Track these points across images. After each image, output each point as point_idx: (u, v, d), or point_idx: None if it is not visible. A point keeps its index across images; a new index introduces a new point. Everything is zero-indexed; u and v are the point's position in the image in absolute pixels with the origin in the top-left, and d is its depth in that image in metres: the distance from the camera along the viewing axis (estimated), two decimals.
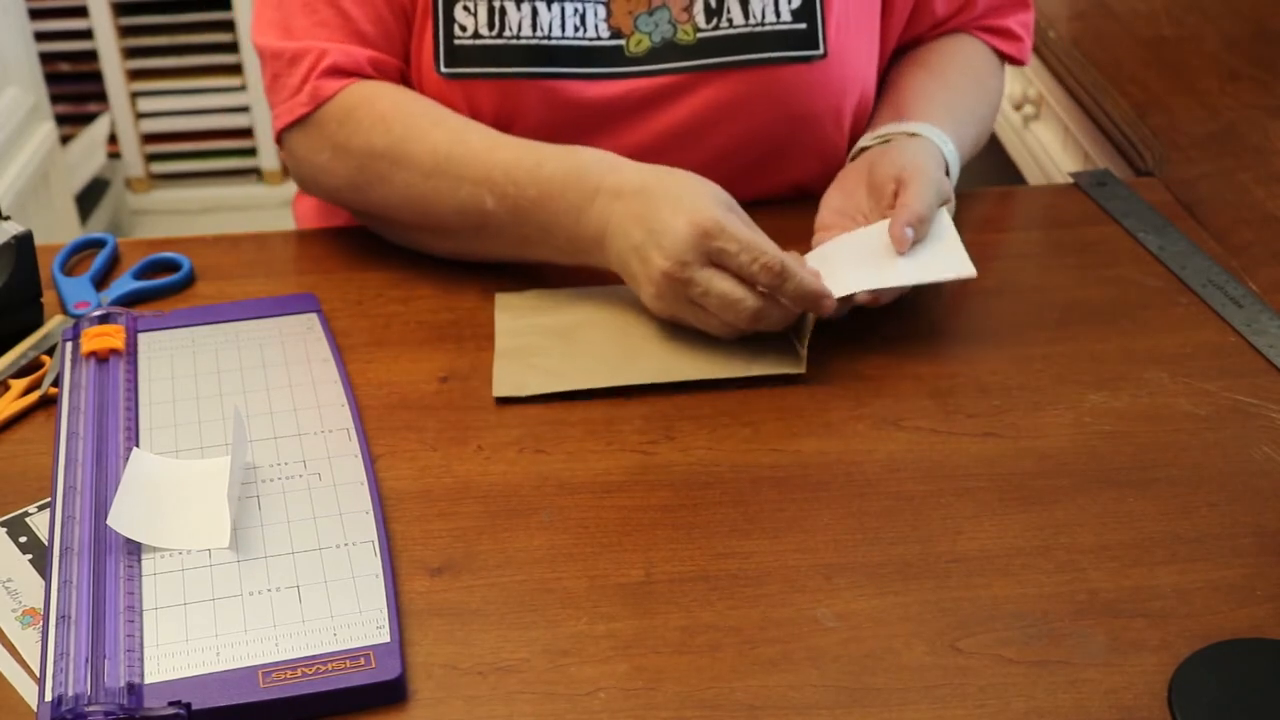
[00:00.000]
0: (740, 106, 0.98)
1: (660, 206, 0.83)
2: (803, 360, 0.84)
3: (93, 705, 0.60)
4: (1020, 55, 1.09)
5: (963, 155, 0.98)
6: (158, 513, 0.71)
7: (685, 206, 0.82)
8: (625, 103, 0.97)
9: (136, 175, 2.75)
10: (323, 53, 0.93)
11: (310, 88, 0.93)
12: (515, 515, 0.74)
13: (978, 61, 1.07)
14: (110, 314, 0.87)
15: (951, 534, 0.72)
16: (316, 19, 0.94)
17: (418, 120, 0.91)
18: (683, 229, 0.81)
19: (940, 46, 1.07)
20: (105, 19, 2.55)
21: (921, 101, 1.00)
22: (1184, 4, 1.42)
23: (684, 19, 0.96)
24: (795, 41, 0.96)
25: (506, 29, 0.94)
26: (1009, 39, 1.08)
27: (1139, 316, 0.90)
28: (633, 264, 0.85)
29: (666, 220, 0.82)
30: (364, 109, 0.92)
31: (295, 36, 0.94)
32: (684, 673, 0.63)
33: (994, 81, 1.08)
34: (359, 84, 0.94)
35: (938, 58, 1.06)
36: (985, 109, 1.05)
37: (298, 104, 0.94)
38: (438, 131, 0.91)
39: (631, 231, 0.84)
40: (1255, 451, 0.77)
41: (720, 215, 0.82)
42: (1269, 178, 1.07)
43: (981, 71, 1.07)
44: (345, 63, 0.94)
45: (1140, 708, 0.61)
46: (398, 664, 0.63)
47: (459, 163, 0.89)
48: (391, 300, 0.93)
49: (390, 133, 0.91)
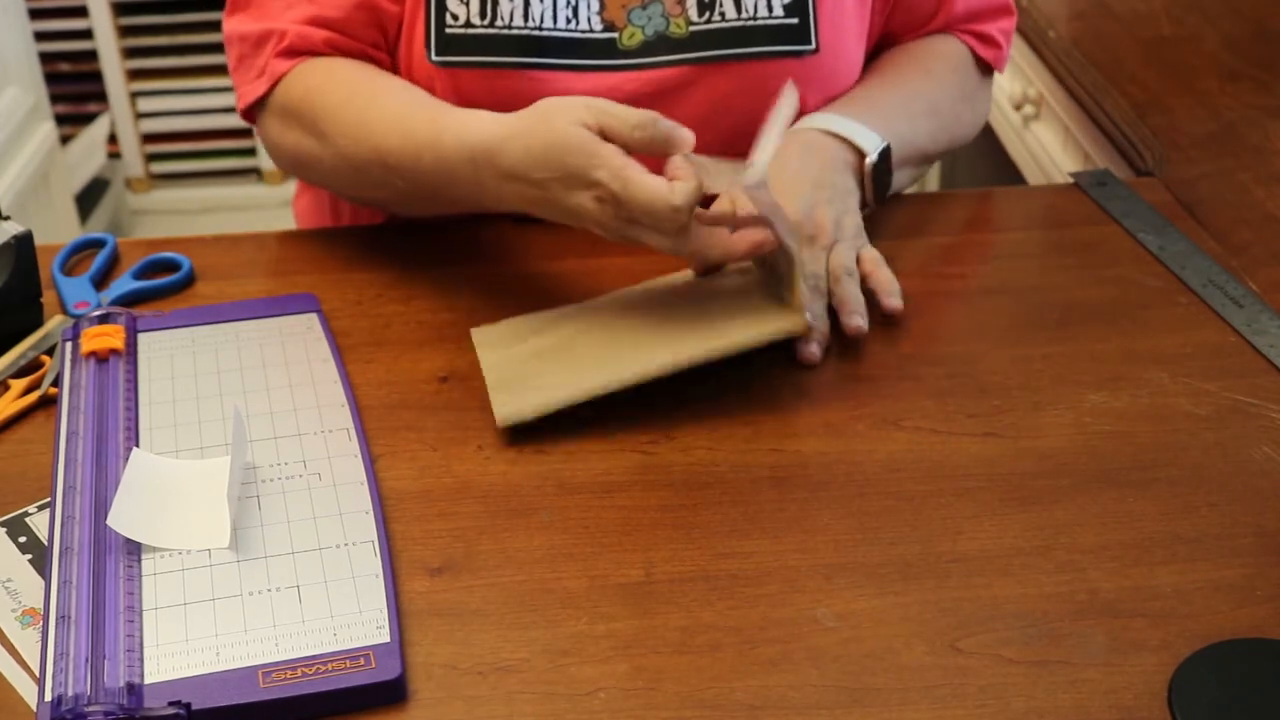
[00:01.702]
0: (732, 100, 0.98)
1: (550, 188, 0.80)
2: (799, 311, 0.81)
3: (93, 705, 0.60)
4: (996, 63, 1.08)
5: (903, 144, 0.98)
6: (158, 513, 0.71)
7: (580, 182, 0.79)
8: (617, 96, 0.96)
9: (136, 175, 2.75)
10: (282, 34, 0.96)
11: (270, 67, 0.96)
12: (515, 515, 0.74)
13: (943, 52, 1.06)
14: (110, 314, 0.87)
15: (951, 534, 0.72)
16: (283, 1, 0.97)
17: (340, 90, 0.93)
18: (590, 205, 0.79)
19: (911, 44, 1.07)
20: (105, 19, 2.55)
21: (855, 98, 1.00)
22: (1184, 4, 1.42)
23: (676, 12, 0.96)
24: (787, 36, 0.96)
25: (498, 19, 0.94)
26: (987, 44, 1.07)
27: (1139, 316, 0.90)
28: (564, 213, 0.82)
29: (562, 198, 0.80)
30: (298, 82, 0.95)
31: (261, 17, 0.97)
32: (684, 673, 0.63)
33: (958, 75, 1.06)
34: (309, 61, 0.96)
35: (899, 55, 1.06)
36: (940, 94, 1.04)
37: (260, 83, 0.97)
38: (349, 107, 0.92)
39: (534, 199, 0.82)
40: (1255, 451, 0.77)
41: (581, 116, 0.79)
42: (1269, 178, 1.07)
43: (942, 63, 1.05)
44: (299, 43, 0.96)
45: (1140, 708, 0.61)
46: (398, 664, 0.63)
47: (369, 130, 0.90)
48: (391, 300, 0.93)
49: (315, 105, 0.94)
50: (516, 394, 0.81)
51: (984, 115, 1.11)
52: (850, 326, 0.86)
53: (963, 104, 1.06)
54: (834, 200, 0.92)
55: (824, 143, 0.95)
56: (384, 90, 0.94)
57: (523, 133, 0.82)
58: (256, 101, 0.97)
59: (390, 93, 0.93)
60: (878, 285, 0.89)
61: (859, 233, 0.92)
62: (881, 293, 0.88)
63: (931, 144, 1.03)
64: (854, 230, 0.92)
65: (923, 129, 1.01)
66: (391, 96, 0.92)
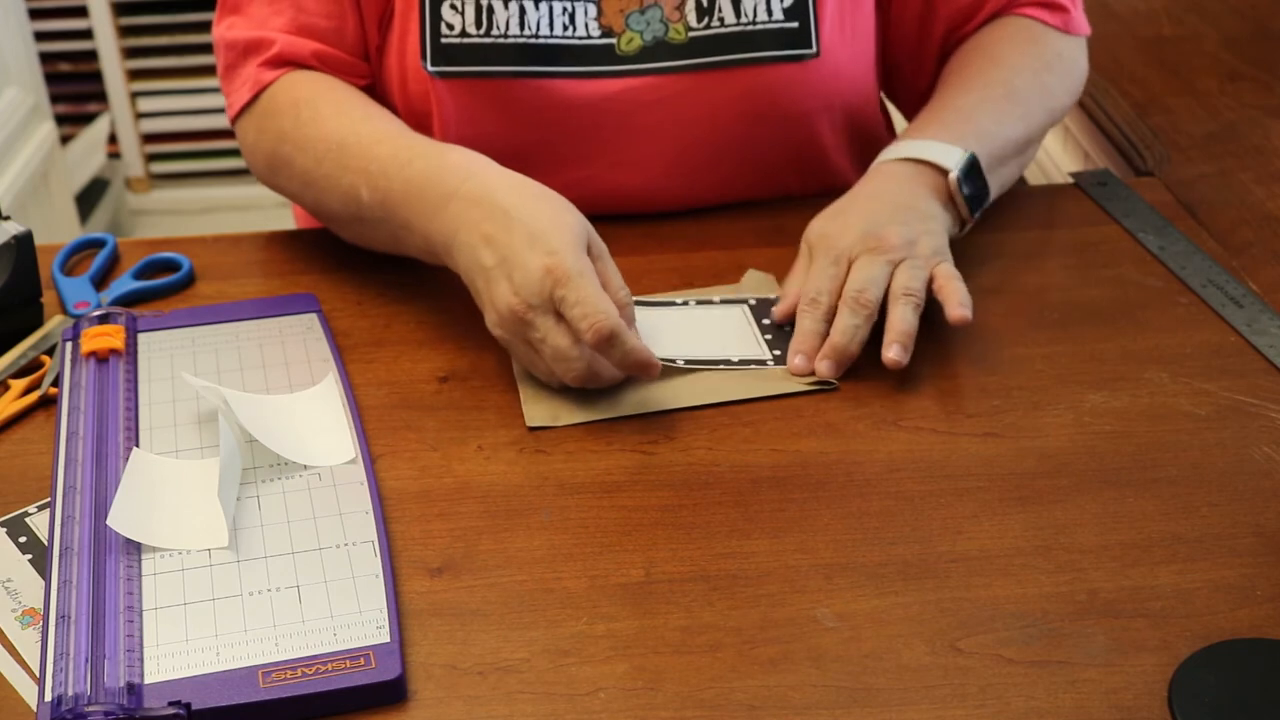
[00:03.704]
0: (732, 106, 0.97)
1: (516, 235, 0.79)
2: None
3: (92, 705, 0.60)
4: (1067, 26, 1.02)
5: (992, 143, 0.93)
6: (158, 513, 0.71)
7: (541, 245, 0.78)
8: (616, 102, 0.96)
9: (136, 175, 2.75)
10: (271, 42, 0.95)
11: (254, 76, 0.96)
12: (515, 515, 0.74)
13: (1003, 34, 1.02)
14: (110, 314, 0.87)
15: (951, 534, 0.72)
16: (273, 8, 0.97)
17: (321, 109, 0.93)
18: (535, 270, 0.77)
19: (971, 40, 1.03)
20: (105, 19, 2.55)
21: (928, 113, 0.97)
22: (1184, 4, 1.42)
23: (675, 18, 0.95)
24: (787, 40, 0.96)
25: (494, 27, 0.94)
26: (1052, 10, 1.02)
27: (1139, 316, 0.90)
28: (478, 283, 0.81)
29: (521, 254, 0.78)
30: (284, 95, 0.95)
31: (250, 26, 0.97)
32: (684, 673, 0.63)
33: (1029, 49, 1.01)
34: (294, 73, 0.96)
35: (962, 53, 1.02)
36: (1013, 75, 0.98)
37: (245, 93, 0.96)
38: (335, 121, 0.91)
39: (481, 252, 0.80)
40: (1255, 451, 0.77)
41: (572, 262, 0.77)
42: (1269, 178, 1.07)
43: (1005, 45, 1.01)
44: (289, 53, 0.96)
45: (1140, 708, 0.61)
46: (398, 664, 0.63)
47: (345, 153, 0.89)
48: (391, 300, 0.93)
49: (296, 119, 0.93)
50: (547, 399, 0.82)
51: (1079, 76, 1.04)
52: (885, 358, 0.82)
53: (1045, 75, 1.00)
54: (910, 222, 0.87)
55: (902, 173, 0.91)
56: (379, 110, 0.93)
57: (537, 190, 0.82)
58: (242, 108, 0.97)
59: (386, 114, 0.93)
60: (946, 297, 0.84)
61: (936, 253, 0.87)
62: (950, 304, 0.83)
63: (1025, 127, 0.97)
64: (930, 250, 0.86)
65: (1009, 117, 0.96)
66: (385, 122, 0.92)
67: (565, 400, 0.81)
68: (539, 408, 0.81)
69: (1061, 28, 1.03)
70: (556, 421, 0.80)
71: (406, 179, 0.85)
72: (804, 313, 0.85)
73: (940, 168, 0.91)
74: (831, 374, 0.82)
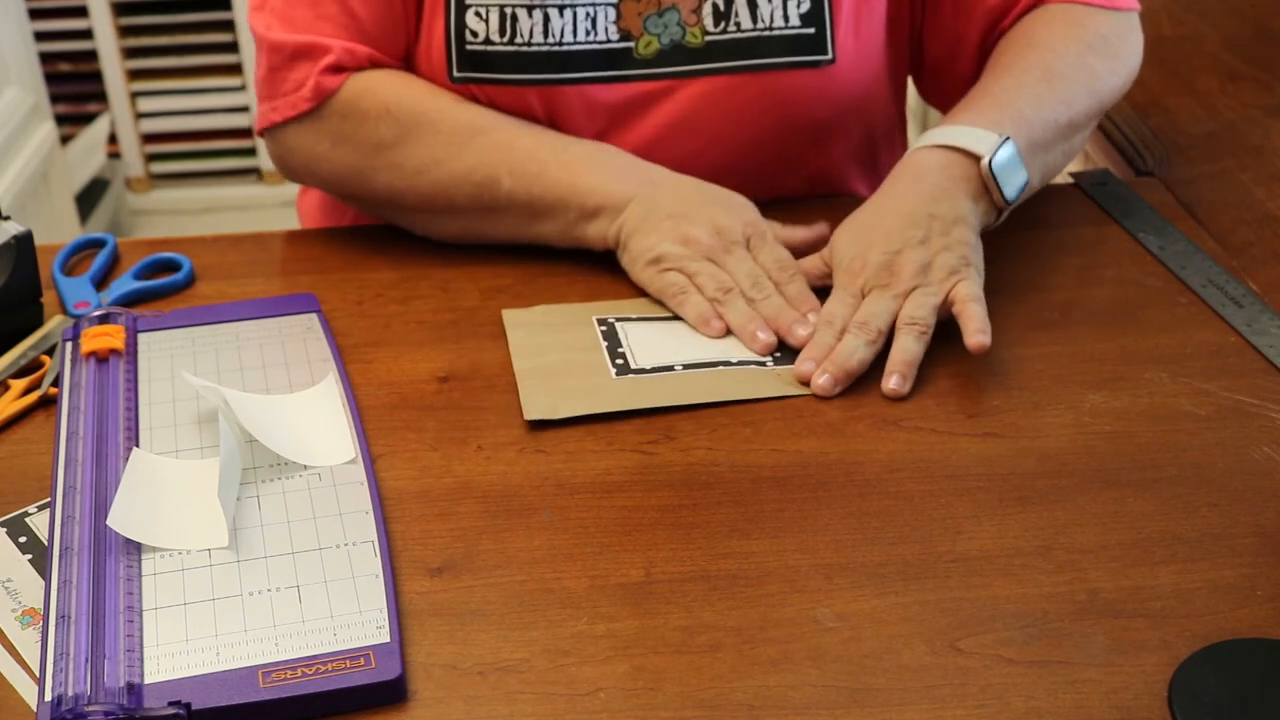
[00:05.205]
0: (748, 111, 0.97)
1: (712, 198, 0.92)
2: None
3: (92, 705, 0.60)
4: (1110, 3, 0.99)
5: (1030, 128, 0.91)
6: (158, 513, 0.71)
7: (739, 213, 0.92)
8: (632, 105, 0.96)
9: (136, 175, 2.76)
10: (325, 50, 0.94)
11: (313, 84, 0.94)
12: (515, 515, 0.74)
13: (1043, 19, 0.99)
14: (110, 314, 0.87)
15: (951, 534, 0.72)
16: (319, 12, 0.95)
17: (428, 103, 0.94)
18: (736, 222, 0.90)
19: (1011, 31, 1.01)
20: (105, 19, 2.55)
21: (965, 100, 0.95)
22: (1184, 4, 1.42)
23: (693, 21, 0.95)
24: (803, 46, 0.95)
25: (518, 36, 0.94)
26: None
27: (1139, 316, 0.90)
28: (665, 224, 0.90)
29: (721, 214, 0.91)
30: (368, 99, 0.94)
31: (297, 29, 0.95)
32: (684, 673, 0.63)
33: (1071, 31, 0.98)
34: (359, 75, 0.95)
35: (1001, 43, 1.00)
36: (1053, 58, 0.96)
37: (300, 99, 0.95)
38: (454, 111, 0.94)
39: (666, 202, 0.91)
40: (1255, 451, 0.77)
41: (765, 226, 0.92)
42: (1269, 178, 1.07)
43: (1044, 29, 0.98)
44: (347, 61, 0.95)
45: (1140, 708, 0.61)
46: (398, 664, 0.63)
47: (478, 142, 0.93)
48: (391, 300, 0.93)
49: (398, 120, 0.93)
50: (546, 391, 0.82)
51: (1130, 56, 1.01)
52: (885, 388, 0.82)
53: (1088, 56, 0.97)
54: (929, 239, 0.86)
55: (933, 162, 0.89)
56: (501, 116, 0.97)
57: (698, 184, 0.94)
58: (297, 116, 0.95)
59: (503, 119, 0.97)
60: (965, 323, 0.82)
61: (954, 272, 0.85)
62: (967, 331, 0.82)
63: (1069, 111, 0.94)
64: (945, 271, 0.85)
65: (1049, 100, 0.93)
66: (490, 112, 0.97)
67: (565, 394, 0.81)
68: (538, 400, 0.81)
69: (1106, 5, 0.99)
70: (555, 414, 0.80)
71: (571, 161, 0.93)
72: (820, 329, 0.85)
73: (973, 154, 0.88)
74: (829, 388, 0.82)
